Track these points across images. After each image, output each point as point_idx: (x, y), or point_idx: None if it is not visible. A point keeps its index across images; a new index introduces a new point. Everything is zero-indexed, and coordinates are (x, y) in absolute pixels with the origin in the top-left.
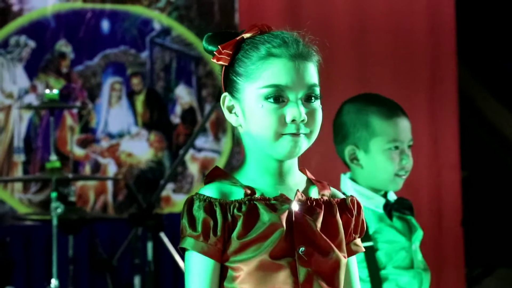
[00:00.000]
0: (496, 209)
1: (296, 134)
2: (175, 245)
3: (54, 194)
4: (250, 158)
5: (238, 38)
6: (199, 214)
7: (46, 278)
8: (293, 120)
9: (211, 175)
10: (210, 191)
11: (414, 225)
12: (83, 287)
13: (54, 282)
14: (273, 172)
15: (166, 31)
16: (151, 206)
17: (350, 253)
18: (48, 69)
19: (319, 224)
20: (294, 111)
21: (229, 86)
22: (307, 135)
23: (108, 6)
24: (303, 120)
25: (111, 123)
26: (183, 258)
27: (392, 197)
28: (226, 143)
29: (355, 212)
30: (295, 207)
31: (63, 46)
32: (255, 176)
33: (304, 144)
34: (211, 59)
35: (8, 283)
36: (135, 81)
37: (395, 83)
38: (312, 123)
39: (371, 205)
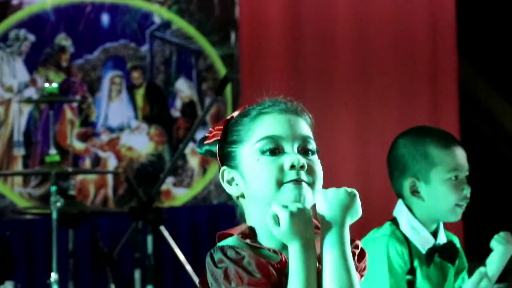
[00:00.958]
0: (496, 203)
1: (298, 181)
2: (175, 239)
3: (54, 188)
4: (258, 227)
5: (227, 117)
6: (247, 258)
7: (46, 272)
8: (292, 166)
9: (226, 233)
10: (235, 242)
11: (449, 274)
12: (83, 281)
13: (54, 276)
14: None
15: (166, 25)
16: (151, 200)
17: None
18: (48, 63)
19: None
20: (292, 157)
21: (226, 159)
22: (310, 185)
23: (108, 0)
24: (302, 167)
25: (111, 117)
26: None
27: (441, 239)
28: None
29: (356, 258)
30: None
31: (63, 39)
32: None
33: (309, 193)
34: (205, 143)
35: (8, 278)
36: (135, 74)
37: (396, 78)
38: (313, 173)
39: (418, 243)
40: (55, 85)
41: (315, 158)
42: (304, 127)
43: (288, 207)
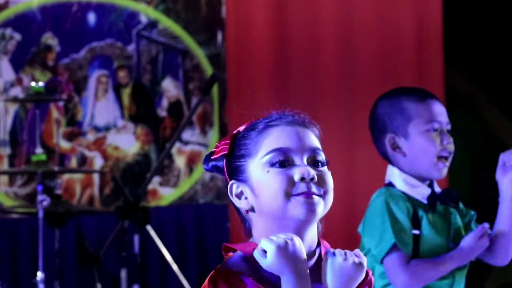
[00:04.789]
0: (483, 205)
1: (308, 195)
2: (162, 238)
3: (40, 187)
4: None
5: (234, 132)
6: None
7: (32, 271)
8: (302, 179)
9: (231, 247)
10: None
11: (452, 222)
12: (70, 280)
13: (40, 275)
14: None
15: (152, 24)
16: (138, 199)
17: None
18: (34, 62)
19: None
20: (301, 169)
21: (234, 173)
22: (322, 196)
23: None
24: (312, 179)
25: (98, 116)
26: None
27: (437, 189)
28: (212, 136)
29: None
30: None
31: (49, 39)
32: None
33: (320, 206)
34: (211, 158)
35: None
36: (122, 74)
37: (382, 81)
38: (324, 184)
39: (416, 195)
40: (41, 84)
41: (325, 169)
42: (313, 139)
43: (275, 239)
